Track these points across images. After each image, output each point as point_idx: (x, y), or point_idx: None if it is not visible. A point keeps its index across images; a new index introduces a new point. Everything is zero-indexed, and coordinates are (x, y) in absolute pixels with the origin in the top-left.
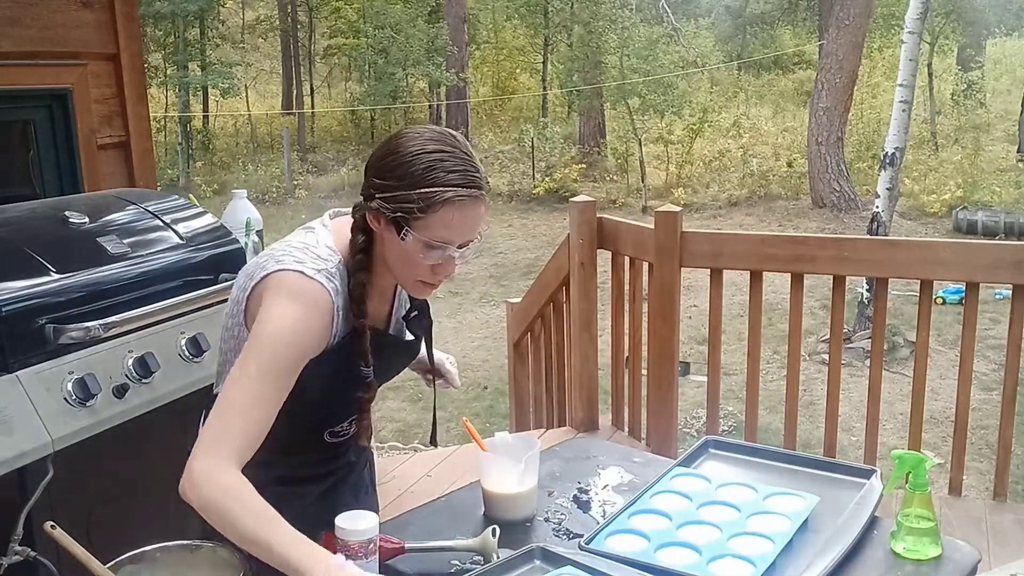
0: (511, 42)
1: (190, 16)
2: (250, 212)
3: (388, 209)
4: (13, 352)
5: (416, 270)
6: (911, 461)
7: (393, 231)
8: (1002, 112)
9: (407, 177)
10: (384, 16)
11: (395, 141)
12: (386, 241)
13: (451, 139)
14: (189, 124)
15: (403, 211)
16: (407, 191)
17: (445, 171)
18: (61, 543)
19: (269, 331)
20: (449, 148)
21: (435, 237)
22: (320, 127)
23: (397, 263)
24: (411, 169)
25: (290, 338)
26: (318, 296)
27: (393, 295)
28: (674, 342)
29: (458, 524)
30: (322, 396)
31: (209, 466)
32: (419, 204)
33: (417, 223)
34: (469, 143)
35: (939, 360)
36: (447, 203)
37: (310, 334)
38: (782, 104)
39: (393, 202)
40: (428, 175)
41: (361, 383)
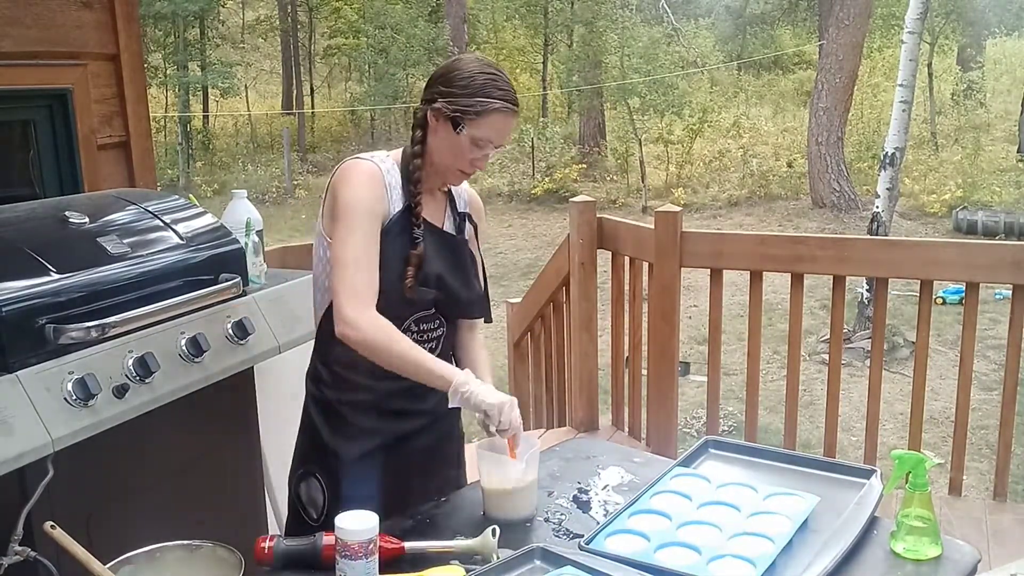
0: (511, 42)
1: (190, 16)
2: (250, 212)
3: (449, 109)
4: (13, 352)
5: (460, 160)
6: (911, 461)
7: (449, 127)
8: (1002, 112)
9: (469, 87)
10: (384, 16)
11: (458, 62)
12: (440, 135)
13: (498, 68)
14: (189, 124)
15: (462, 111)
16: (468, 97)
17: (496, 87)
18: (61, 543)
19: (344, 202)
20: (498, 72)
21: (482, 136)
22: (320, 127)
23: (446, 154)
24: (472, 82)
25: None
26: (368, 168)
27: (444, 203)
28: (674, 342)
29: (458, 524)
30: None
31: (356, 309)
32: (476, 108)
33: (472, 123)
34: None
35: (939, 360)
36: (497, 111)
37: (373, 189)
38: (782, 104)
39: (455, 104)
40: (485, 88)
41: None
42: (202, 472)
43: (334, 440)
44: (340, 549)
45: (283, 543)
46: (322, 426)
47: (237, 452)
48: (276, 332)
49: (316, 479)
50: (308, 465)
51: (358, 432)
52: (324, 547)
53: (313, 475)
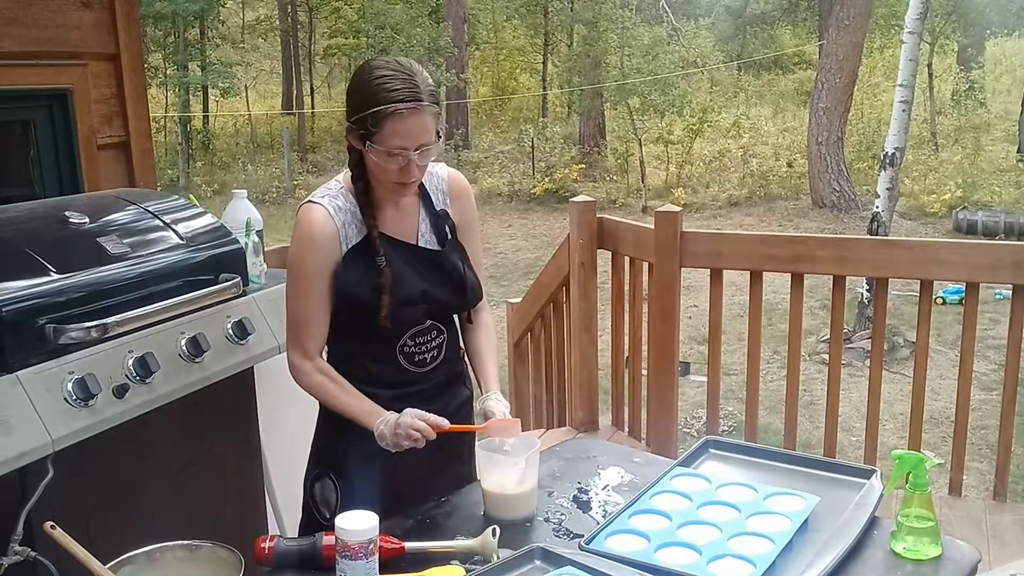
0: (511, 42)
1: (190, 16)
2: (250, 212)
3: (355, 131)
4: (13, 352)
5: (388, 175)
6: (911, 461)
7: (362, 145)
8: (1002, 112)
9: (361, 102)
10: (384, 16)
11: (356, 73)
12: (365, 157)
13: (394, 63)
14: (189, 124)
15: (363, 130)
16: (362, 113)
17: (387, 91)
18: (61, 543)
19: (288, 258)
20: (391, 70)
21: (392, 146)
22: (320, 127)
23: (375, 173)
24: (362, 95)
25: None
26: (316, 216)
27: (424, 211)
28: (674, 342)
29: (458, 524)
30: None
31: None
32: (371, 122)
33: (375, 138)
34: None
35: (939, 360)
36: (391, 116)
37: (315, 247)
38: (782, 104)
39: (357, 124)
40: (374, 96)
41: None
42: (202, 472)
43: (343, 442)
44: (340, 549)
45: (283, 543)
46: (332, 428)
47: (237, 452)
48: (276, 332)
49: (330, 479)
50: (322, 466)
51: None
52: (324, 547)
53: (327, 475)
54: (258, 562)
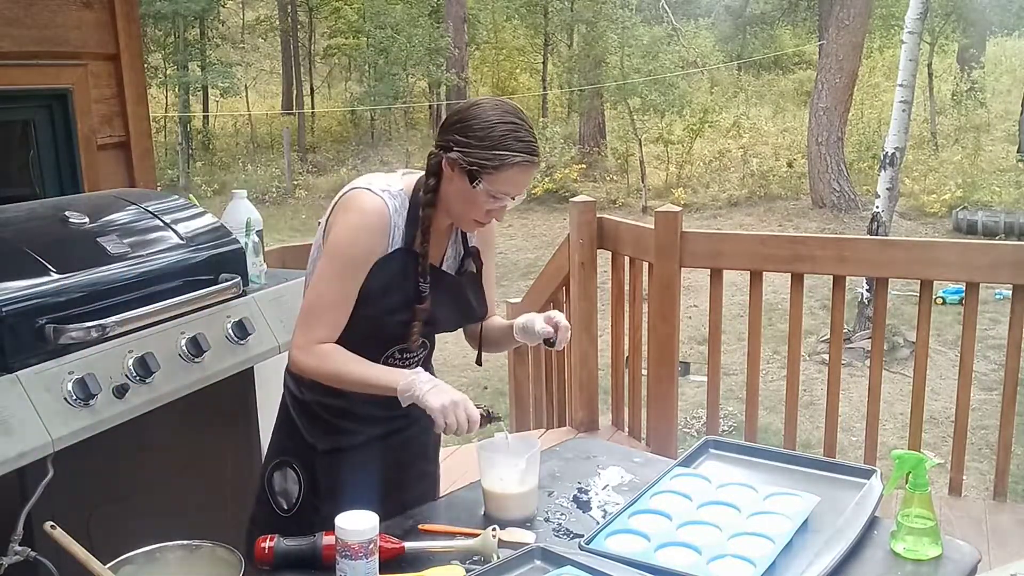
0: (511, 42)
1: (190, 16)
2: (250, 212)
3: (465, 161)
4: (13, 352)
5: (476, 212)
6: (911, 461)
7: (465, 179)
8: (1002, 112)
9: (487, 139)
10: (384, 16)
11: (477, 108)
12: (455, 185)
13: (520, 113)
14: (189, 124)
15: (479, 165)
16: (486, 151)
17: (517, 139)
18: (61, 543)
19: (335, 239)
20: (519, 120)
21: (500, 190)
22: (320, 127)
23: (460, 204)
24: (491, 133)
25: (352, 240)
26: (376, 206)
27: (447, 238)
28: (674, 342)
29: (458, 524)
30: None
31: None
32: (494, 163)
33: (488, 176)
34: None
35: (939, 360)
36: (515, 165)
37: (369, 235)
38: (782, 104)
39: (471, 156)
40: (504, 141)
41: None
42: (202, 472)
43: (312, 434)
44: (340, 549)
45: (283, 543)
46: (300, 422)
47: (237, 452)
48: (276, 332)
49: (293, 470)
50: (284, 456)
51: (335, 429)
52: (324, 547)
53: (289, 466)
54: (258, 562)
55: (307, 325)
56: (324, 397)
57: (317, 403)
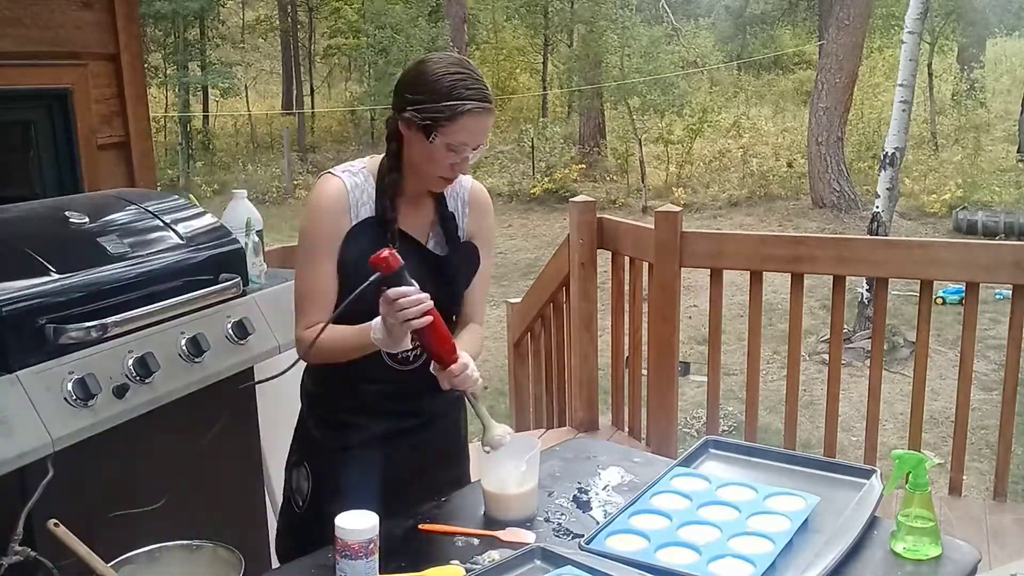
0: (511, 42)
1: (190, 16)
2: (250, 212)
3: (419, 118)
4: (13, 352)
5: (438, 167)
6: (911, 461)
7: (422, 136)
8: (1002, 112)
9: (436, 92)
10: (384, 16)
11: (423, 64)
12: (414, 145)
13: (467, 63)
14: (189, 124)
15: (431, 119)
16: (436, 103)
17: (466, 87)
18: (64, 541)
19: (300, 227)
20: (466, 70)
21: (457, 140)
22: (320, 127)
23: (423, 162)
24: (438, 86)
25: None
26: (332, 185)
27: (435, 212)
28: (674, 342)
29: (459, 524)
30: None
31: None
32: (446, 113)
33: (443, 129)
34: None
35: (939, 360)
36: (467, 113)
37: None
38: (782, 104)
39: (424, 112)
40: (453, 90)
41: None
42: (202, 472)
43: (319, 431)
44: (340, 549)
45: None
46: (310, 418)
47: (237, 452)
48: (276, 332)
49: (304, 468)
50: (298, 455)
51: (343, 426)
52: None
53: (302, 464)
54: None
55: (300, 313)
56: (335, 391)
57: (331, 397)
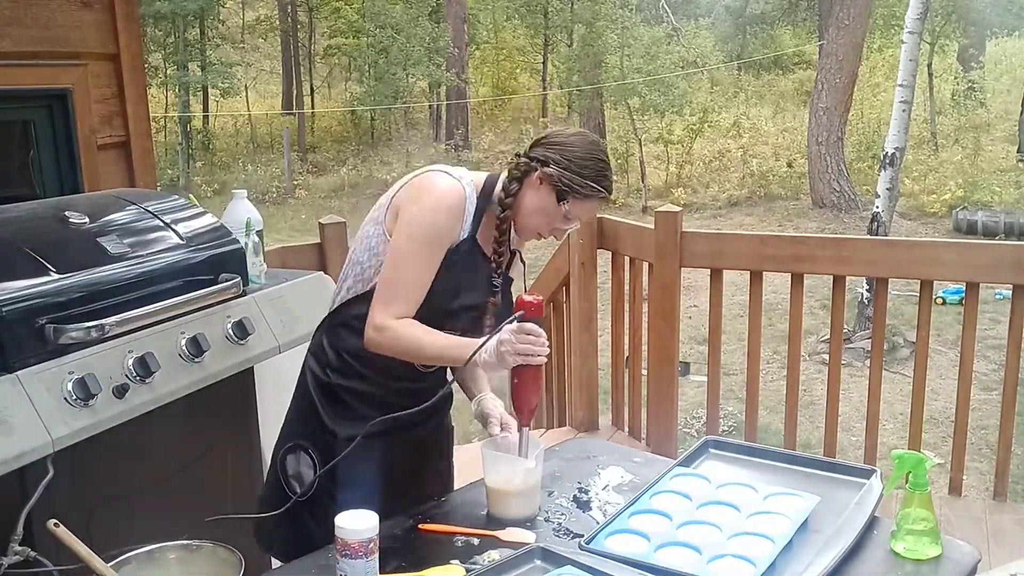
0: (511, 42)
1: (190, 16)
2: (250, 212)
3: (562, 180)
4: (13, 352)
5: (545, 226)
6: (911, 461)
7: (552, 195)
8: (1002, 112)
9: (586, 169)
10: (384, 16)
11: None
12: (537, 196)
13: (606, 151)
14: (189, 124)
15: (571, 187)
16: (582, 178)
17: (606, 177)
18: (64, 541)
19: (416, 218)
20: (607, 159)
21: (574, 215)
22: (320, 127)
23: (534, 214)
24: (589, 164)
25: (434, 219)
26: (456, 188)
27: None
28: (674, 342)
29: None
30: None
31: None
32: (586, 191)
33: (575, 200)
34: None
35: (939, 360)
36: (594, 198)
37: (449, 215)
38: (782, 104)
39: (566, 178)
40: (598, 175)
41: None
42: (202, 472)
43: (333, 420)
44: (340, 549)
45: None
46: (322, 406)
47: (237, 452)
48: (276, 332)
49: (308, 455)
50: (300, 440)
51: (357, 416)
52: None
53: (305, 450)
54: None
55: (386, 301)
56: (349, 381)
57: (341, 387)
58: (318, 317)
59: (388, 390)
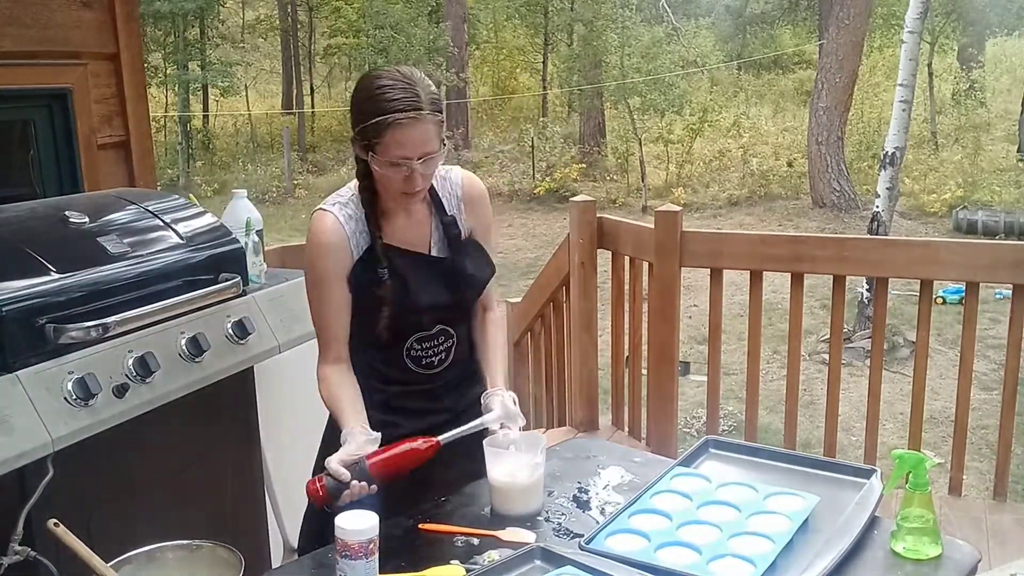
0: (511, 42)
1: (190, 16)
2: (250, 212)
3: (359, 141)
4: (13, 352)
5: (392, 185)
6: (911, 461)
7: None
8: (1002, 112)
9: (361, 112)
10: (384, 16)
11: (360, 82)
12: (370, 166)
13: (396, 72)
14: (189, 124)
15: (365, 140)
16: (363, 123)
17: (386, 100)
18: (64, 541)
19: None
20: (391, 80)
21: (393, 156)
22: (320, 127)
23: (381, 182)
24: (363, 105)
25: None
26: (326, 223)
27: (434, 217)
28: (674, 342)
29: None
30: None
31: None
32: (372, 132)
33: (376, 148)
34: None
35: (939, 360)
36: (391, 126)
37: (327, 252)
38: (782, 104)
39: (359, 135)
40: (373, 106)
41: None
42: (202, 472)
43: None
44: (340, 549)
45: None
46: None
47: (237, 452)
48: (276, 332)
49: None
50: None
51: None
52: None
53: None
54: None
55: (323, 348)
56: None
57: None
58: None
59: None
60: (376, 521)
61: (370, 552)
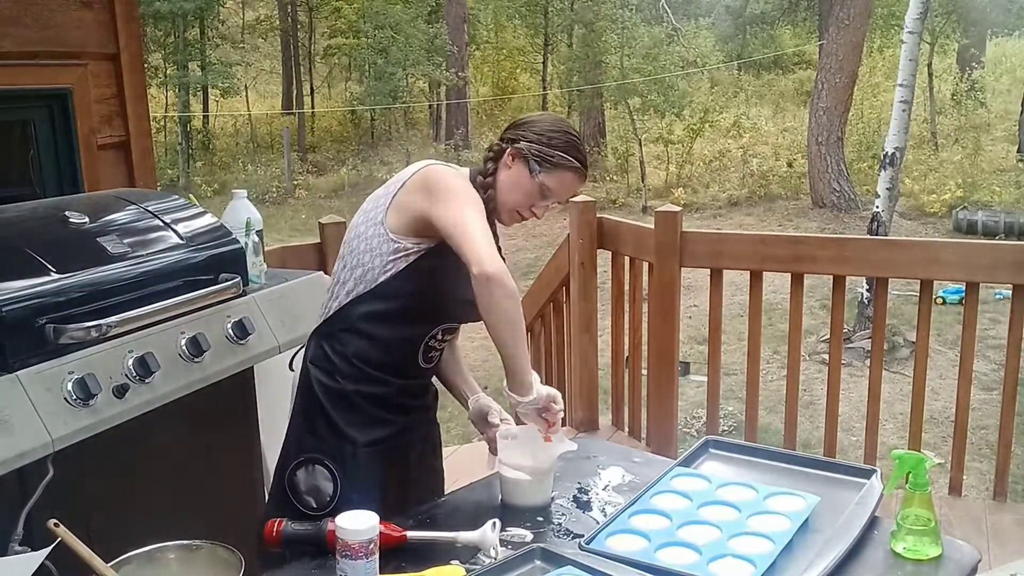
0: (511, 42)
1: (190, 16)
2: (250, 212)
3: (531, 152)
4: (13, 352)
5: (523, 203)
6: (911, 461)
7: (525, 168)
8: (1002, 112)
9: (553, 141)
10: (384, 16)
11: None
12: (511, 174)
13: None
14: (189, 124)
15: (542, 158)
16: (551, 149)
17: (576, 150)
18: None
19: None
20: (577, 134)
21: (552, 188)
22: (320, 127)
23: (511, 192)
24: (557, 137)
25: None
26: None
27: None
28: (674, 342)
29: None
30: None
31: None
32: (555, 160)
33: (547, 172)
34: None
35: (939, 360)
36: (571, 170)
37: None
38: (782, 104)
39: (535, 149)
40: (567, 147)
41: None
42: (202, 472)
43: (351, 428)
44: (340, 548)
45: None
46: (336, 414)
47: (237, 452)
48: (276, 332)
49: (324, 467)
50: (313, 453)
51: (373, 420)
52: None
53: (320, 463)
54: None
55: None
56: (366, 385)
57: (357, 392)
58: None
59: (395, 389)
60: (376, 521)
61: (370, 552)
